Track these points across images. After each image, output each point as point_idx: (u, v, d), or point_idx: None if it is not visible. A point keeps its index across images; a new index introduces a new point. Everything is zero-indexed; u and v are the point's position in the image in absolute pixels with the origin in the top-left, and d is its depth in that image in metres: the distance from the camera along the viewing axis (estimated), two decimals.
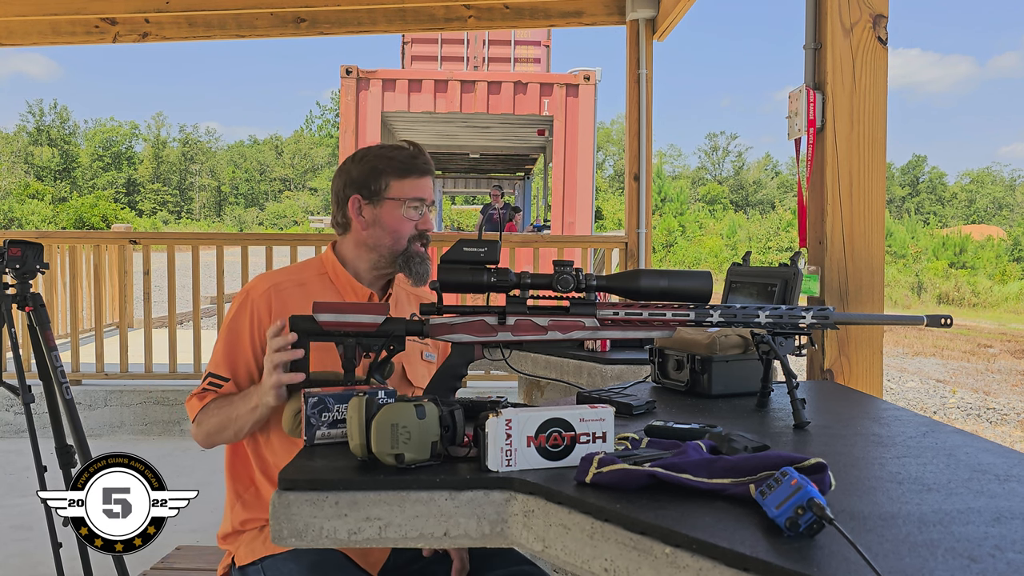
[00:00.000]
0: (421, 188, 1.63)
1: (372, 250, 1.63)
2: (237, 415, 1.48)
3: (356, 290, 1.64)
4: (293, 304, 1.55)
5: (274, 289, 1.58)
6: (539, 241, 5.32)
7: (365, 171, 1.62)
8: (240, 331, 1.56)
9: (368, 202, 1.62)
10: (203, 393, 1.55)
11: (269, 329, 1.38)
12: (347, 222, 1.64)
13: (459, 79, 8.82)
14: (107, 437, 4.78)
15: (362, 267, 1.66)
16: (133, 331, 5.65)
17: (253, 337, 1.55)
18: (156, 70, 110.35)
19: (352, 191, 1.62)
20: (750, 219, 41.60)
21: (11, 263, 2.38)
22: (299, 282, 1.62)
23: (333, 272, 1.65)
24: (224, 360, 1.56)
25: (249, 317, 1.56)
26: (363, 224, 1.62)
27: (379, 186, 1.61)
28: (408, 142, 1.67)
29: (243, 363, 1.55)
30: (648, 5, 4.47)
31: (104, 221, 34.42)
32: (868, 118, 2.24)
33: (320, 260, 1.69)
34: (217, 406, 1.52)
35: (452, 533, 1.08)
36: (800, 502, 0.85)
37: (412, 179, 1.62)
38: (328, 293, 1.62)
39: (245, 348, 1.55)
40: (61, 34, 4.91)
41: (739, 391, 1.64)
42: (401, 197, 1.61)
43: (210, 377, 1.56)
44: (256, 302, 1.57)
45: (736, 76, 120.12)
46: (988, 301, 21.57)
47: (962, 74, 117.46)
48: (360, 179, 1.62)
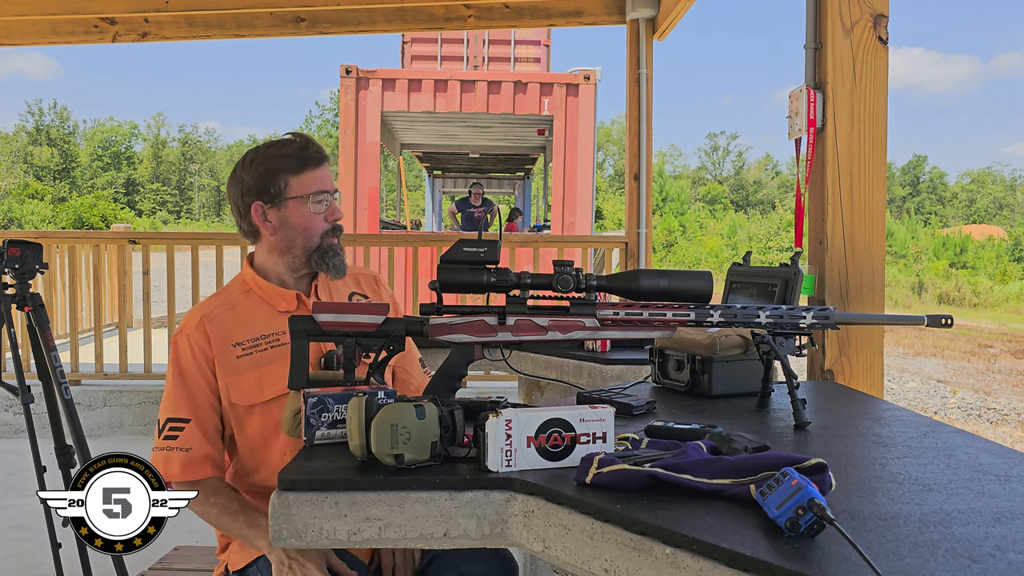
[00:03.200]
0: (321, 179, 1.58)
1: (286, 253, 1.59)
2: (229, 529, 1.51)
3: (284, 296, 1.60)
4: (230, 327, 1.54)
5: (206, 319, 1.56)
6: (539, 241, 5.32)
7: (260, 174, 1.55)
8: (187, 369, 1.54)
9: (271, 206, 1.56)
10: (166, 444, 1.52)
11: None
12: (255, 230, 1.59)
13: (459, 79, 8.80)
14: (107, 437, 4.78)
15: (282, 271, 1.61)
16: (132, 331, 5.65)
17: (203, 370, 1.53)
18: (156, 70, 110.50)
19: (252, 198, 1.56)
20: (750, 219, 41.61)
21: (10, 263, 2.37)
22: (228, 305, 1.59)
23: (257, 286, 1.61)
24: (180, 401, 1.53)
25: (191, 352, 1.54)
26: (271, 229, 1.57)
27: (278, 187, 1.55)
28: (293, 133, 1.61)
29: (202, 397, 1.54)
30: (648, 5, 4.46)
31: (103, 221, 34.39)
32: (868, 118, 2.23)
33: (242, 278, 1.65)
34: (221, 506, 1.50)
35: (452, 533, 1.08)
36: (801, 502, 0.84)
37: (309, 171, 1.56)
38: (258, 307, 1.59)
39: (199, 383, 1.53)
40: (60, 34, 4.91)
41: (739, 391, 1.64)
42: (303, 194, 1.56)
43: (169, 423, 1.53)
44: (192, 336, 1.54)
45: (736, 75, 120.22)
46: (989, 301, 21.58)
47: (964, 74, 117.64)
48: (257, 184, 1.56)
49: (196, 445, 1.52)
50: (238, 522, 1.48)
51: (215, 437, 1.56)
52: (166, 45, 10.36)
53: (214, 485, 1.53)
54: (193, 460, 1.52)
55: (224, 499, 1.52)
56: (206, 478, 1.53)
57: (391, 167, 15.56)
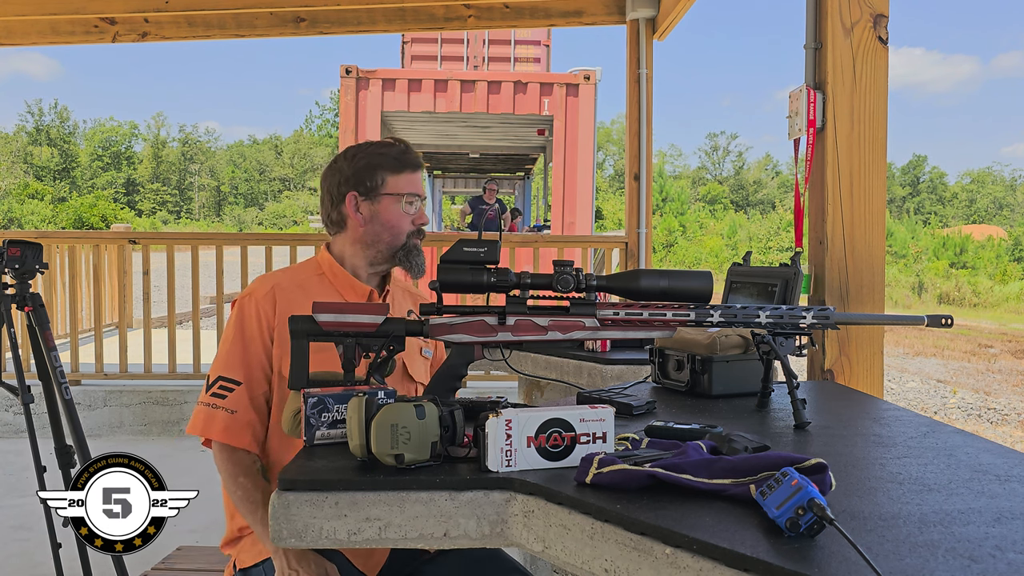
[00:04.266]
0: (415, 183, 1.65)
1: (370, 246, 1.63)
2: (247, 516, 1.51)
3: (356, 288, 1.64)
4: (296, 304, 1.55)
5: (277, 289, 1.59)
6: (539, 241, 5.31)
7: (360, 167, 1.62)
8: (250, 332, 1.55)
9: (365, 198, 1.62)
10: (213, 400, 1.53)
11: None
12: (343, 219, 1.64)
13: (459, 79, 8.80)
14: (107, 437, 4.78)
15: (360, 264, 1.65)
16: (132, 331, 5.65)
17: (264, 336, 1.55)
18: (156, 70, 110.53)
19: (348, 188, 1.62)
20: (750, 219, 41.60)
21: (10, 263, 2.37)
22: (299, 283, 1.62)
23: (331, 272, 1.65)
24: (237, 362, 1.54)
25: (256, 317, 1.56)
26: (361, 221, 1.62)
27: (375, 182, 1.61)
28: (395, 138, 1.68)
29: (257, 363, 1.55)
30: (648, 5, 4.46)
31: (103, 221, 34.38)
32: (868, 118, 2.23)
33: (316, 261, 1.68)
34: (246, 490, 1.50)
35: (452, 533, 1.08)
36: (801, 502, 0.84)
37: (407, 174, 1.63)
38: (328, 293, 1.62)
39: (257, 348, 1.55)
40: (60, 34, 4.91)
41: (739, 391, 1.64)
42: (398, 192, 1.62)
43: (220, 381, 1.54)
44: (261, 302, 1.57)
45: (736, 75, 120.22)
46: (989, 301, 21.58)
47: (965, 74, 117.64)
48: (355, 176, 1.62)
49: (242, 410, 1.53)
50: (256, 514, 1.48)
51: (261, 404, 1.56)
52: (166, 45, 10.35)
53: (247, 464, 1.53)
54: (237, 424, 1.52)
55: (251, 484, 1.51)
56: (242, 449, 1.53)
57: None
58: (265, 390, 1.56)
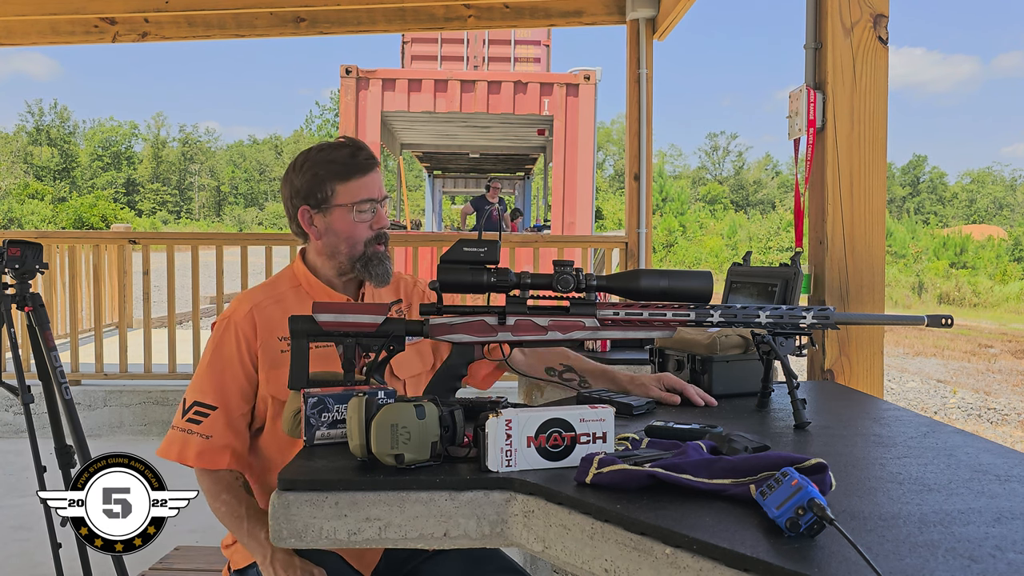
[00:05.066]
0: (368, 187, 1.57)
1: (331, 257, 1.60)
2: (232, 530, 1.51)
3: (332, 298, 1.61)
4: (275, 322, 1.53)
5: (255, 309, 1.56)
6: (539, 241, 5.32)
7: (307, 180, 1.56)
8: (228, 356, 1.53)
9: (317, 211, 1.57)
10: (188, 425, 1.52)
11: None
12: (302, 232, 1.61)
13: (459, 79, 8.80)
14: (107, 437, 4.78)
15: (331, 274, 1.62)
16: (132, 331, 5.65)
17: (243, 360, 1.53)
18: (156, 70, 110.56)
19: (299, 202, 1.57)
20: (750, 219, 41.61)
21: (10, 263, 2.37)
22: (276, 299, 1.59)
23: (307, 283, 1.62)
24: (211, 387, 1.52)
25: (236, 341, 1.53)
26: (316, 234, 1.58)
27: (325, 193, 1.55)
28: (346, 138, 1.61)
29: (235, 388, 1.53)
30: (648, 5, 4.46)
31: (103, 221, 34.39)
32: (868, 118, 2.23)
33: (292, 272, 1.65)
34: (230, 506, 1.50)
35: (452, 533, 1.08)
36: (801, 502, 0.84)
37: (357, 179, 1.56)
38: (307, 304, 1.58)
39: (236, 372, 1.53)
40: (60, 34, 4.91)
41: (739, 391, 1.64)
42: (349, 202, 1.56)
43: (196, 406, 1.52)
44: (240, 324, 1.54)
45: (736, 75, 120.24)
46: (989, 301, 21.57)
47: (965, 74, 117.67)
48: (304, 189, 1.56)
49: (218, 434, 1.51)
50: (241, 528, 1.48)
51: (241, 426, 1.54)
52: (166, 45, 10.35)
53: (228, 481, 1.53)
54: (212, 449, 1.51)
55: (234, 499, 1.51)
56: (222, 469, 1.53)
57: (391, 167, 15.56)
58: (244, 411, 1.55)
